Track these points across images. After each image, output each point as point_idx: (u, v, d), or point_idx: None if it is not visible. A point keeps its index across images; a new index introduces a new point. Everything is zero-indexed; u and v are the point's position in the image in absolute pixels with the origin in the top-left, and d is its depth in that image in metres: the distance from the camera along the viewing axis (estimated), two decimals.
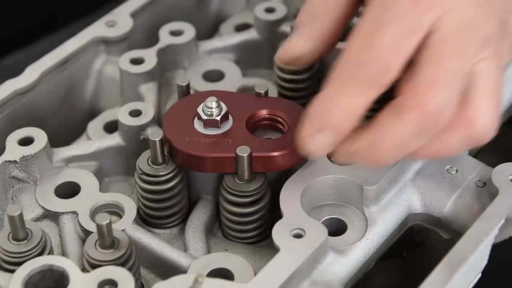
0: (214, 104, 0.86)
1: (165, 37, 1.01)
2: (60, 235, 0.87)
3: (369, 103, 0.77)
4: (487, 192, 0.86)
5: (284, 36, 1.01)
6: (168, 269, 0.84)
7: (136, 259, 0.81)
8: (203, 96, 0.89)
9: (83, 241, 0.85)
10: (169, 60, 1.01)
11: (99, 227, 0.78)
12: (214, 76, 1.02)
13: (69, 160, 0.92)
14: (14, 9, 1.26)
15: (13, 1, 1.25)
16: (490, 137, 0.79)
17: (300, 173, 0.85)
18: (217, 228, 0.90)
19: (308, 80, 0.98)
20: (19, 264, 0.78)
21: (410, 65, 0.77)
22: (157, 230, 0.89)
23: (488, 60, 0.77)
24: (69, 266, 0.77)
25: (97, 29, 1.01)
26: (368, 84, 0.76)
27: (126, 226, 0.85)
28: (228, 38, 1.05)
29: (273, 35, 1.03)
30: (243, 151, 0.84)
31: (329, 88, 0.78)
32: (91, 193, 0.88)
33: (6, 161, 0.88)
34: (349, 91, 0.77)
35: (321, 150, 0.79)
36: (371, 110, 0.97)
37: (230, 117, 0.88)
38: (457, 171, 0.88)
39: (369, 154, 0.78)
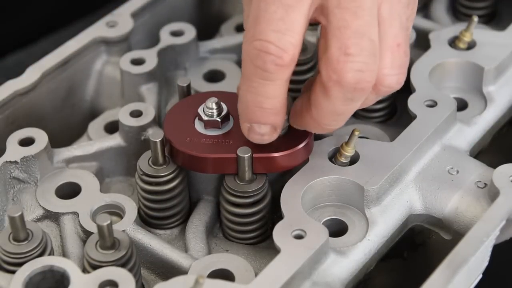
0: (214, 105, 0.86)
1: (165, 38, 1.01)
2: (60, 235, 0.87)
3: (282, 87, 0.78)
4: (488, 193, 0.86)
5: None
6: (168, 270, 0.84)
7: (136, 260, 0.81)
8: (204, 96, 0.89)
9: (84, 241, 0.85)
10: (169, 61, 1.01)
11: (99, 227, 0.78)
12: (215, 76, 1.02)
13: (69, 161, 0.92)
14: (15, 9, 1.26)
15: (13, 1, 1.25)
16: (399, 87, 0.80)
17: (301, 174, 0.85)
18: (218, 229, 0.90)
19: None
20: (20, 264, 0.78)
21: (323, 34, 0.78)
22: (158, 231, 0.89)
23: (387, 5, 0.78)
24: (70, 267, 0.77)
25: (97, 30, 1.01)
26: (267, 73, 0.77)
27: (126, 227, 0.85)
28: (229, 38, 1.05)
29: None
30: (244, 152, 0.83)
31: (241, 86, 0.80)
32: (92, 194, 0.88)
33: (6, 161, 0.88)
34: (253, 85, 0.78)
35: (265, 139, 0.83)
36: (370, 110, 0.98)
37: (231, 118, 0.87)
38: (458, 172, 0.88)
39: (317, 127, 0.81)
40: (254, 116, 0.80)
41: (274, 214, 0.88)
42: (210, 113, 0.86)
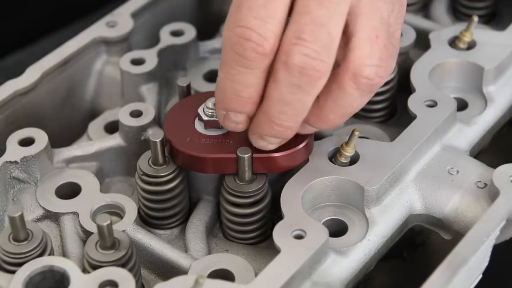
0: (215, 105, 0.86)
1: (165, 38, 1.01)
2: (60, 235, 0.87)
3: (260, 76, 0.78)
4: (488, 193, 0.86)
5: None
6: (168, 270, 0.84)
7: (136, 260, 0.81)
8: (204, 96, 0.89)
9: (84, 241, 0.85)
10: (169, 61, 1.01)
11: (99, 228, 0.78)
12: (215, 76, 1.01)
13: (69, 161, 0.92)
14: (15, 9, 1.26)
15: (13, 1, 1.25)
16: (382, 82, 0.79)
17: (301, 174, 0.85)
18: (218, 229, 0.90)
19: None
20: (20, 265, 0.78)
21: None
22: (158, 231, 0.89)
23: (363, 2, 0.77)
24: (70, 267, 0.77)
25: (97, 30, 1.01)
26: (246, 61, 0.77)
27: (126, 227, 0.85)
28: None
29: None
30: (244, 152, 0.83)
31: (219, 73, 0.80)
32: (92, 194, 0.88)
33: (6, 161, 0.88)
34: (231, 73, 0.78)
35: (240, 128, 0.82)
36: (370, 110, 0.98)
37: None
38: (458, 172, 0.88)
39: (267, 122, 0.79)
40: (231, 104, 0.80)
41: (274, 214, 0.88)
42: (210, 113, 0.86)
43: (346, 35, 0.77)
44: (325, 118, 0.80)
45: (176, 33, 1.02)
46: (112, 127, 0.98)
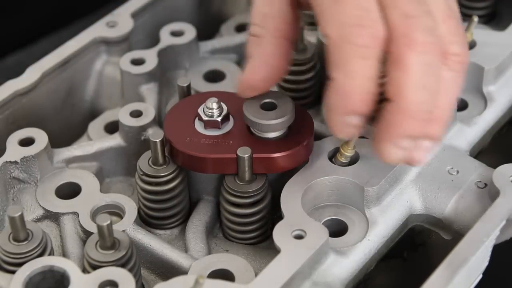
0: (214, 105, 0.86)
1: (166, 38, 1.01)
2: (60, 235, 0.87)
3: (377, 67, 0.75)
4: (488, 193, 0.86)
5: None
6: (168, 270, 0.84)
7: (136, 260, 0.81)
8: (204, 96, 0.89)
9: (84, 242, 0.85)
10: (170, 61, 1.01)
11: (99, 228, 0.78)
12: (215, 76, 1.02)
13: (69, 161, 0.92)
14: (15, 9, 1.26)
15: (13, 1, 1.25)
16: (466, 58, 0.77)
17: (301, 174, 0.85)
18: (218, 229, 0.90)
19: (310, 81, 0.98)
20: (20, 265, 0.78)
21: None
22: (158, 231, 0.89)
23: None
24: (70, 267, 0.77)
25: (98, 30, 1.01)
26: (365, 49, 0.74)
27: (126, 227, 0.85)
28: (229, 38, 1.05)
29: None
30: (244, 152, 0.83)
31: (333, 76, 0.75)
32: (92, 194, 0.88)
33: (6, 161, 0.88)
34: (351, 69, 0.74)
35: (355, 133, 0.78)
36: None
37: (231, 118, 0.88)
38: (458, 172, 0.88)
39: (410, 123, 0.74)
40: (353, 104, 0.75)
41: (274, 214, 0.88)
42: (210, 113, 0.86)
43: None
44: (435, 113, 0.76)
45: (176, 33, 1.02)
46: (112, 127, 0.98)
